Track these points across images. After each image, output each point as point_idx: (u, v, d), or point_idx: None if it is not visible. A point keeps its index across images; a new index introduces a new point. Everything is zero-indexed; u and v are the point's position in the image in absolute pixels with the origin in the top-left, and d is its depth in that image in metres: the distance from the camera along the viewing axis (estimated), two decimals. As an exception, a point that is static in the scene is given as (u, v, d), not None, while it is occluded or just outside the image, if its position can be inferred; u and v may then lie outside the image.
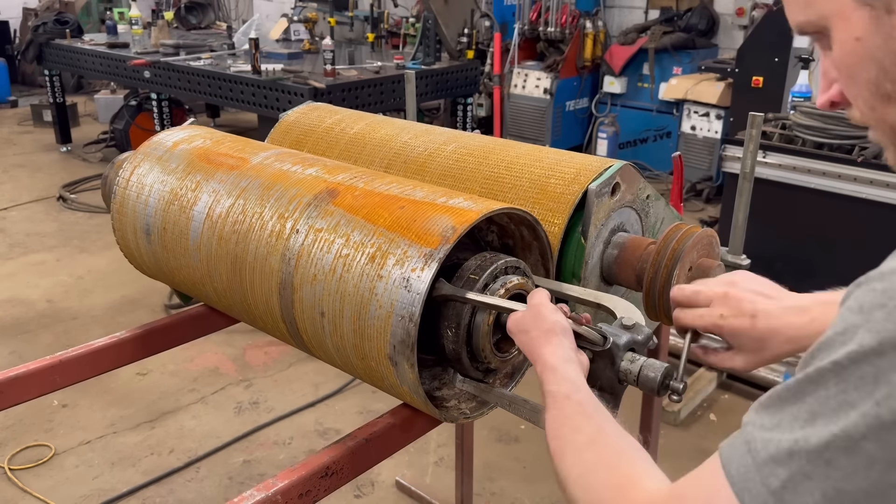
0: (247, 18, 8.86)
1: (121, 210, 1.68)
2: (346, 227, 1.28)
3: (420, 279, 1.16)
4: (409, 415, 1.36)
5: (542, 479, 3.04)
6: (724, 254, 2.26)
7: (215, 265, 1.49)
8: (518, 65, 7.16)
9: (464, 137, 1.71)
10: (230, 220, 1.45)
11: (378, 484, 3.03)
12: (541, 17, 7.10)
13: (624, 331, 1.12)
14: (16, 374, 1.55)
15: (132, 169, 1.67)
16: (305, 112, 1.97)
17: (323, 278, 1.27)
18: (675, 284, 1.43)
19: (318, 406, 3.53)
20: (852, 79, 0.76)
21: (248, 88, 5.23)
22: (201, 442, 3.27)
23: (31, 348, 3.93)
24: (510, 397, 1.28)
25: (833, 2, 0.73)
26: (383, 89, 5.38)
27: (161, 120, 6.17)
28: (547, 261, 1.39)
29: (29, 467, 3.10)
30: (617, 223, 1.54)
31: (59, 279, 4.79)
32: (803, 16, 0.77)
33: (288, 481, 1.20)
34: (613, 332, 1.12)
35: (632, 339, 1.11)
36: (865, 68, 0.74)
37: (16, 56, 9.18)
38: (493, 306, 1.22)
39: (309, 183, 1.40)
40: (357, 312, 1.23)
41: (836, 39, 0.75)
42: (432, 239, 1.19)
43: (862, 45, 0.72)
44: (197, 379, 3.73)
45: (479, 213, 1.22)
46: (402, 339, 1.17)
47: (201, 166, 1.57)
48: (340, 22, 7.75)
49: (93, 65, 6.70)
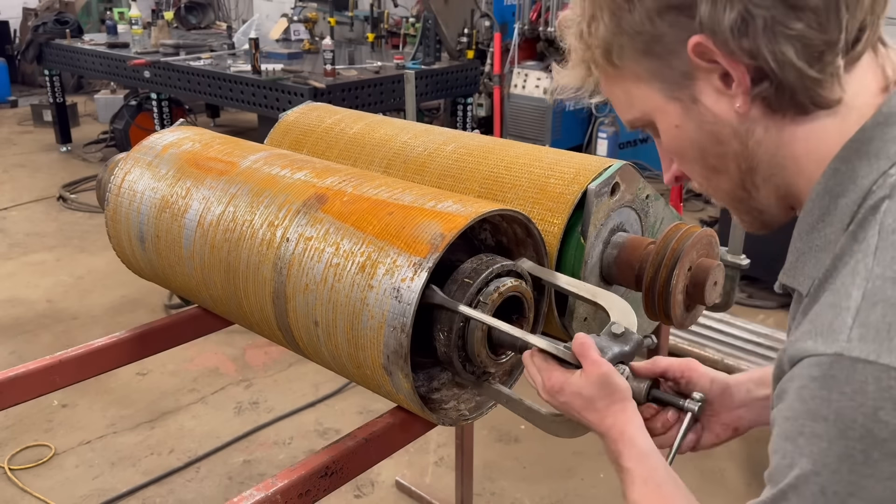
0: (247, 18, 8.86)
1: (114, 217, 1.68)
2: (336, 236, 1.27)
3: (410, 289, 1.15)
4: (408, 415, 1.36)
5: (542, 479, 3.04)
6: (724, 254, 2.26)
7: (209, 273, 1.49)
8: (518, 65, 7.16)
9: (463, 137, 1.71)
10: (221, 229, 1.45)
11: (378, 484, 3.03)
12: (541, 17, 7.10)
13: (613, 341, 1.11)
14: (15, 374, 1.55)
15: (123, 175, 1.66)
16: (305, 112, 1.97)
17: (315, 288, 1.27)
18: (674, 284, 1.43)
19: (318, 406, 3.52)
20: (682, 158, 0.90)
21: (248, 88, 5.22)
22: (201, 442, 3.27)
23: (31, 348, 3.93)
24: (507, 394, 1.28)
25: (649, 100, 0.85)
26: (383, 89, 5.38)
27: (161, 120, 6.17)
28: (542, 258, 1.39)
29: (29, 467, 3.10)
30: (616, 223, 1.54)
31: (58, 279, 4.78)
32: (630, 114, 0.90)
33: (288, 481, 1.20)
34: (603, 342, 1.10)
35: (620, 351, 1.10)
36: (690, 149, 0.86)
37: (16, 56, 9.18)
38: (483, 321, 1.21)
39: (298, 188, 1.40)
40: (350, 323, 1.23)
41: (660, 129, 0.88)
42: (421, 247, 1.18)
43: (681, 130, 0.85)
44: (197, 379, 3.73)
45: (468, 219, 1.21)
46: (395, 349, 1.17)
47: (191, 171, 1.56)
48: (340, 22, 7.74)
49: (93, 65, 6.69)
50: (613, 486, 1.03)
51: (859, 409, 0.68)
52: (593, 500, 2.93)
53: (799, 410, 0.72)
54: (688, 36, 0.77)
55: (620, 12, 0.81)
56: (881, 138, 0.78)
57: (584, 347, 1.06)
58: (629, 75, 0.86)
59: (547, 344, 1.12)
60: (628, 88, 0.87)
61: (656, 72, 0.83)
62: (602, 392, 1.04)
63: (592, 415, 1.05)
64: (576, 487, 2.99)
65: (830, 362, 0.70)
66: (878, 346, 0.68)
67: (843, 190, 0.79)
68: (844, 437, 0.69)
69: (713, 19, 0.75)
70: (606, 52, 0.85)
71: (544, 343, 1.12)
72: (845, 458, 0.69)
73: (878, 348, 0.68)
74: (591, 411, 1.05)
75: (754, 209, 0.90)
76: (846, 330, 0.71)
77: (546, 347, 1.11)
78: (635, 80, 0.85)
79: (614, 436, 1.02)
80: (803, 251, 0.83)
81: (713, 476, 3.01)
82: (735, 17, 0.74)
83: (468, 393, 1.39)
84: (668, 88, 0.83)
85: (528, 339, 1.15)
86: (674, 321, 1.48)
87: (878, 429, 0.68)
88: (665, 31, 0.79)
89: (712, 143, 0.84)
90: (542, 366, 1.11)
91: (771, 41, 0.75)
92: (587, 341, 1.07)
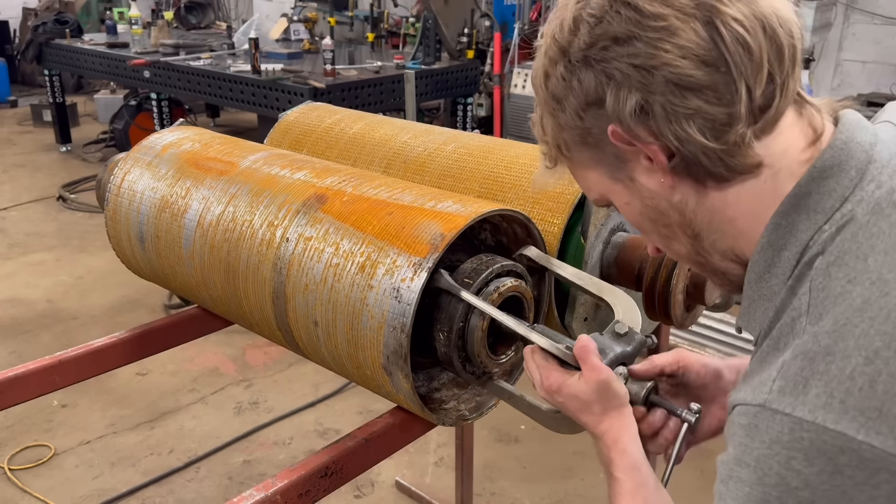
0: (247, 18, 8.86)
1: (114, 217, 1.68)
2: (336, 236, 1.27)
3: (410, 289, 1.15)
4: (408, 415, 1.35)
5: (542, 479, 3.04)
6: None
7: (209, 273, 1.49)
8: (518, 65, 7.15)
9: (463, 137, 1.71)
10: (221, 229, 1.44)
11: (378, 484, 3.03)
12: (541, 16, 7.09)
13: (616, 341, 1.11)
14: (15, 374, 1.55)
15: (123, 175, 1.66)
16: (305, 112, 1.97)
17: (314, 288, 1.27)
18: (674, 284, 1.43)
19: (317, 406, 3.52)
20: (642, 231, 0.96)
21: (248, 88, 5.22)
22: (201, 442, 3.27)
23: (31, 348, 3.93)
24: (509, 391, 1.27)
25: (600, 184, 0.93)
26: (383, 89, 5.38)
27: (161, 120, 6.17)
28: (542, 258, 1.39)
29: (29, 467, 3.09)
30: (616, 223, 1.54)
31: (58, 279, 4.78)
32: (592, 195, 0.97)
33: (288, 481, 1.20)
34: (606, 342, 1.10)
35: (622, 352, 1.10)
36: (642, 222, 0.93)
37: (16, 56, 9.18)
38: (486, 312, 1.20)
39: (298, 188, 1.39)
40: (349, 323, 1.23)
41: (617, 207, 0.95)
42: (421, 247, 1.18)
43: (631, 206, 0.92)
44: (197, 379, 3.73)
45: (468, 219, 1.21)
46: (395, 349, 1.17)
47: (190, 172, 1.56)
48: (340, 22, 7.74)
49: (93, 65, 6.69)
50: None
51: (775, 457, 0.74)
52: (593, 500, 2.93)
53: (730, 455, 0.79)
54: (606, 125, 0.85)
55: (556, 112, 0.89)
56: (817, 192, 0.81)
57: (585, 351, 1.07)
58: (579, 164, 0.93)
59: (548, 344, 1.12)
60: (583, 175, 0.95)
61: (596, 158, 0.90)
62: (599, 397, 1.04)
63: (588, 417, 1.06)
64: (576, 487, 2.99)
65: (755, 413, 0.76)
66: (794, 399, 0.73)
67: (785, 243, 0.83)
68: (762, 484, 0.75)
69: (617, 110, 0.82)
70: (557, 146, 0.93)
71: (546, 342, 1.12)
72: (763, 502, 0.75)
73: (793, 401, 0.73)
74: (588, 414, 1.06)
75: (717, 271, 0.94)
76: (770, 382, 0.76)
77: (547, 347, 1.11)
78: (585, 168, 0.93)
79: (608, 442, 1.03)
80: (753, 299, 0.88)
81: (713, 476, 3.00)
82: (633, 105, 0.81)
83: (468, 393, 1.38)
84: (610, 171, 0.90)
85: (531, 336, 1.15)
86: (674, 321, 1.48)
87: (791, 477, 0.73)
88: (591, 124, 0.86)
89: (657, 215, 0.90)
90: (542, 364, 1.11)
91: (671, 122, 0.80)
92: (588, 345, 1.07)
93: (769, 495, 0.74)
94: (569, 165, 0.96)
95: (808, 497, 0.72)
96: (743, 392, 0.79)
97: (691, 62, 0.78)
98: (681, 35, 0.78)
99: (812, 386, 0.72)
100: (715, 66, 0.78)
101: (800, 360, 0.74)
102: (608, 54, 0.81)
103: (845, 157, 0.82)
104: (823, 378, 0.72)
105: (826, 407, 0.71)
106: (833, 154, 0.82)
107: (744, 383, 0.81)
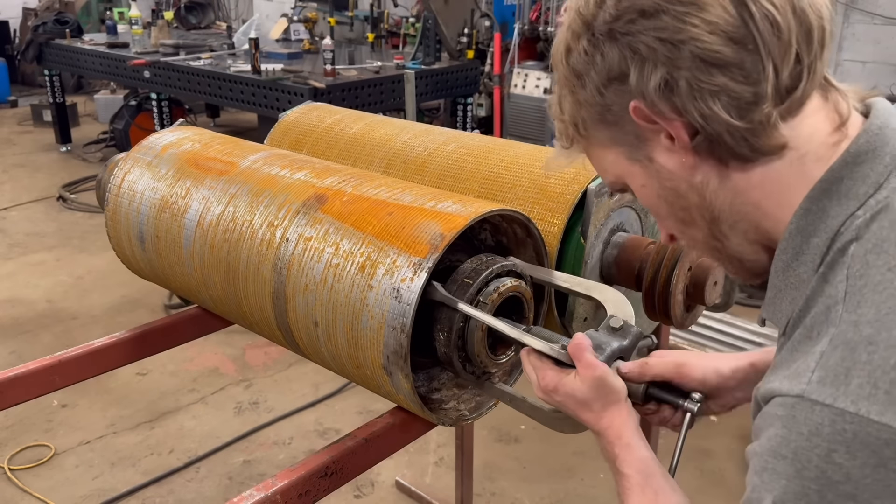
0: (247, 18, 8.86)
1: (114, 217, 1.68)
2: (336, 236, 1.27)
3: (410, 289, 1.15)
4: (408, 415, 1.35)
5: (542, 479, 3.04)
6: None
7: (209, 273, 1.49)
8: (518, 65, 7.15)
9: (463, 137, 1.71)
10: (221, 229, 1.44)
11: (378, 484, 3.03)
12: (541, 17, 7.09)
13: (612, 335, 1.11)
14: (16, 374, 1.55)
15: (123, 175, 1.66)
16: (305, 112, 1.97)
17: (314, 288, 1.27)
18: (674, 284, 1.43)
19: (317, 406, 3.52)
20: (657, 216, 0.95)
21: (248, 88, 5.22)
22: (201, 442, 3.27)
23: (31, 348, 3.93)
24: (510, 393, 1.27)
25: (616, 165, 0.91)
26: (383, 89, 5.38)
27: (161, 120, 6.17)
28: (542, 257, 1.39)
29: (29, 467, 3.10)
30: (616, 223, 1.54)
31: (58, 279, 4.78)
32: (607, 178, 0.95)
33: (288, 481, 1.20)
34: (602, 337, 1.10)
35: (619, 346, 1.09)
36: (658, 206, 0.92)
37: (16, 56, 9.17)
38: (482, 321, 1.20)
39: (298, 188, 1.39)
40: (349, 323, 1.23)
41: (633, 190, 0.93)
42: (421, 247, 1.18)
43: (647, 189, 0.90)
44: (197, 379, 3.73)
45: (468, 219, 1.21)
46: (395, 349, 1.17)
47: (190, 172, 1.56)
48: (340, 22, 7.74)
49: (93, 65, 6.69)
50: (613, 487, 1.03)
51: (814, 450, 0.72)
52: (593, 500, 2.93)
53: (765, 447, 0.77)
54: (628, 102, 0.83)
55: (576, 89, 0.88)
56: (850, 177, 0.80)
57: (579, 349, 1.06)
58: (596, 143, 0.92)
59: (542, 345, 1.12)
60: (599, 155, 0.93)
61: (615, 138, 0.89)
62: (597, 394, 1.04)
63: (588, 415, 1.06)
64: (576, 487, 2.99)
65: (793, 403, 0.74)
66: (835, 389, 0.71)
67: (815, 230, 0.81)
68: (801, 477, 0.73)
69: (641, 85, 0.81)
70: (574, 125, 0.92)
71: (539, 344, 1.12)
72: (802, 496, 0.73)
73: (834, 392, 0.71)
74: (587, 412, 1.06)
75: (733, 257, 0.93)
76: (808, 373, 0.74)
77: (540, 348, 1.11)
78: (602, 148, 0.92)
79: (611, 438, 1.03)
80: (780, 288, 0.85)
81: (713, 476, 3.01)
82: (659, 80, 0.80)
83: (468, 393, 1.38)
84: (628, 152, 0.89)
85: (525, 340, 1.15)
86: (674, 321, 1.48)
87: (832, 471, 0.71)
88: (613, 101, 0.85)
89: (675, 198, 0.89)
90: (537, 364, 1.12)
91: (696, 98, 0.79)
92: (583, 342, 1.07)
93: (808, 489, 0.72)
94: (585, 146, 0.94)
95: (850, 491, 0.70)
96: (778, 382, 0.77)
97: (719, 38, 0.77)
98: (709, 10, 0.76)
99: (854, 376, 0.71)
100: (743, 43, 0.77)
101: (840, 350, 0.72)
102: (634, 28, 0.80)
103: (881, 143, 0.80)
104: (867, 368, 0.71)
105: (870, 398, 0.70)
106: (868, 139, 0.81)
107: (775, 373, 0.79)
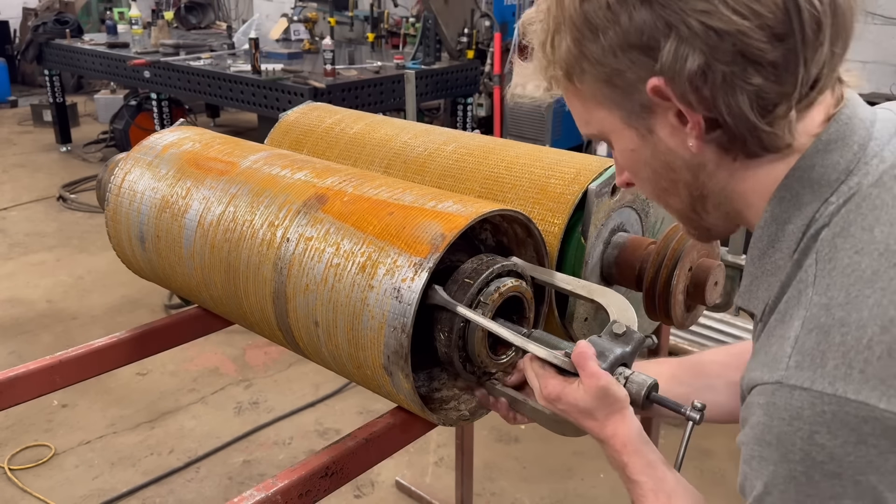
0: (247, 18, 8.86)
1: (114, 217, 1.67)
2: (336, 236, 1.27)
3: (411, 289, 1.15)
4: (408, 415, 1.35)
5: (542, 479, 3.04)
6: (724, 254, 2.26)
7: (209, 273, 1.49)
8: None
9: (464, 137, 1.71)
10: (221, 229, 1.44)
11: (378, 484, 3.03)
12: (541, 17, 7.08)
13: (615, 342, 1.10)
14: (16, 374, 1.55)
15: (123, 175, 1.66)
16: (305, 112, 1.97)
17: (315, 288, 1.27)
18: (675, 284, 1.43)
19: (318, 406, 3.53)
20: (636, 176, 0.93)
21: (248, 88, 5.22)
22: (201, 442, 3.27)
23: (31, 348, 3.93)
24: (511, 395, 1.27)
25: (606, 122, 0.87)
26: (383, 89, 5.38)
27: (161, 120, 6.17)
28: (542, 257, 1.39)
29: (29, 467, 3.10)
30: (617, 223, 1.54)
31: (58, 279, 4.78)
32: (586, 129, 0.91)
33: (288, 481, 1.20)
34: (605, 344, 1.10)
35: (622, 353, 1.09)
36: (643, 170, 0.90)
37: (16, 56, 9.18)
38: (482, 325, 1.20)
39: (298, 188, 1.39)
40: (350, 323, 1.23)
41: (616, 148, 0.90)
42: (422, 247, 1.18)
43: (636, 154, 0.88)
44: (197, 379, 3.73)
45: (469, 219, 1.21)
46: (396, 349, 1.16)
47: (191, 172, 1.56)
48: (340, 22, 7.74)
49: (93, 65, 6.69)
50: (613, 486, 1.03)
51: (797, 433, 0.73)
52: (593, 500, 2.93)
53: (750, 436, 0.78)
54: (648, 76, 0.78)
55: (584, 40, 0.80)
56: (821, 164, 0.80)
57: (583, 358, 1.05)
58: (589, 96, 0.86)
59: (545, 353, 1.11)
60: (588, 107, 0.88)
61: (615, 100, 0.84)
62: (600, 403, 1.04)
63: (591, 423, 1.05)
64: (576, 487, 2.99)
65: (773, 390, 0.76)
66: (812, 373, 0.73)
67: (789, 216, 0.82)
68: (787, 461, 0.74)
69: (674, 66, 0.76)
70: (568, 72, 0.85)
71: (543, 352, 1.11)
72: (790, 479, 0.74)
73: (812, 375, 0.73)
74: (590, 420, 1.05)
75: (702, 227, 0.94)
76: (785, 359, 0.75)
77: (544, 356, 1.11)
78: (595, 102, 0.86)
79: (616, 446, 1.02)
80: (756, 275, 0.86)
81: (713, 476, 3.01)
82: (695, 68, 0.75)
83: (468, 393, 1.38)
84: (626, 116, 0.85)
85: (528, 346, 1.14)
86: (674, 321, 1.48)
87: (816, 452, 0.73)
88: (627, 67, 0.79)
89: (665, 170, 0.87)
90: (540, 372, 1.11)
91: (727, 93, 0.76)
92: (586, 351, 1.06)
93: (795, 471, 0.74)
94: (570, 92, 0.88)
95: (835, 470, 0.72)
96: (758, 371, 0.78)
97: (765, 34, 0.73)
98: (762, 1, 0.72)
99: (830, 358, 0.72)
100: (783, 40, 0.74)
101: (815, 334, 0.73)
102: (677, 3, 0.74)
103: (849, 132, 0.81)
104: (841, 349, 0.72)
105: (846, 378, 0.71)
106: (838, 128, 0.81)
107: (754, 361, 0.80)
